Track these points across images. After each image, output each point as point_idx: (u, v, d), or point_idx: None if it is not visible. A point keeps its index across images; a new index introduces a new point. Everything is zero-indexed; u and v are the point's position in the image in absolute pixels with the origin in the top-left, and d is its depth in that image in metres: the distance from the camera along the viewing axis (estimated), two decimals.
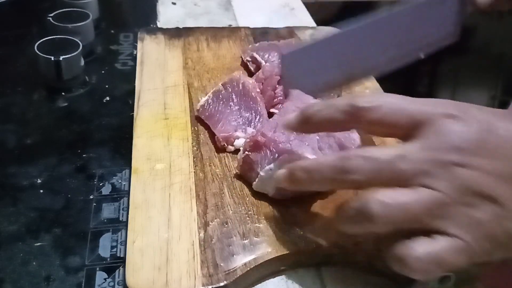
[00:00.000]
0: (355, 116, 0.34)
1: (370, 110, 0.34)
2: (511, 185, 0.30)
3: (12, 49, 0.64)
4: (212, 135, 0.48)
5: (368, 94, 0.35)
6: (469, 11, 0.51)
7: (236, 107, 0.49)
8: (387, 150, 0.32)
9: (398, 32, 0.46)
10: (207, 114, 0.49)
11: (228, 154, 0.46)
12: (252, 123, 0.48)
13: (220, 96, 0.50)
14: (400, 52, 0.44)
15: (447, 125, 0.32)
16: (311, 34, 0.67)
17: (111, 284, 0.37)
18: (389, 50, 0.44)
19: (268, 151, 0.41)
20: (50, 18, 0.62)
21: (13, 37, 0.66)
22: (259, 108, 0.49)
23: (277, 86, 0.52)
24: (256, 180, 0.42)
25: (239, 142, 0.46)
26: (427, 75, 1.35)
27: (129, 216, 0.39)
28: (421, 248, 0.30)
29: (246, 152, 0.42)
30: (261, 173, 0.41)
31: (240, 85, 0.50)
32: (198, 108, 0.50)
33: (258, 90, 0.51)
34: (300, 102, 0.45)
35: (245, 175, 0.43)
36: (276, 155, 0.41)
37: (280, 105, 0.51)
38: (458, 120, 0.32)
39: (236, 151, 0.46)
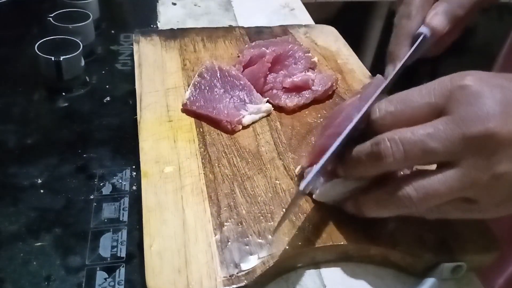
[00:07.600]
0: (376, 126, 0.35)
1: (383, 118, 0.35)
2: None
3: (12, 49, 0.64)
4: (212, 123, 0.49)
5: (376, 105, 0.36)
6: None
7: (222, 90, 0.51)
8: (417, 129, 0.32)
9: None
10: (197, 104, 0.50)
11: (235, 154, 0.46)
12: (248, 98, 0.51)
13: (202, 86, 0.51)
14: None
15: (467, 96, 0.32)
16: (305, 32, 0.67)
17: (112, 284, 0.37)
18: None
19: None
20: (51, 19, 0.62)
21: (13, 37, 0.66)
22: (243, 82, 0.52)
23: (268, 73, 0.53)
24: (319, 189, 0.41)
25: (246, 120, 0.49)
26: (427, 75, 1.36)
27: (143, 219, 0.39)
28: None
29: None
30: (327, 183, 0.40)
31: (217, 70, 0.52)
32: (184, 102, 0.50)
33: (234, 68, 0.54)
34: None
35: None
36: None
37: (271, 91, 0.53)
38: (474, 88, 0.32)
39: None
